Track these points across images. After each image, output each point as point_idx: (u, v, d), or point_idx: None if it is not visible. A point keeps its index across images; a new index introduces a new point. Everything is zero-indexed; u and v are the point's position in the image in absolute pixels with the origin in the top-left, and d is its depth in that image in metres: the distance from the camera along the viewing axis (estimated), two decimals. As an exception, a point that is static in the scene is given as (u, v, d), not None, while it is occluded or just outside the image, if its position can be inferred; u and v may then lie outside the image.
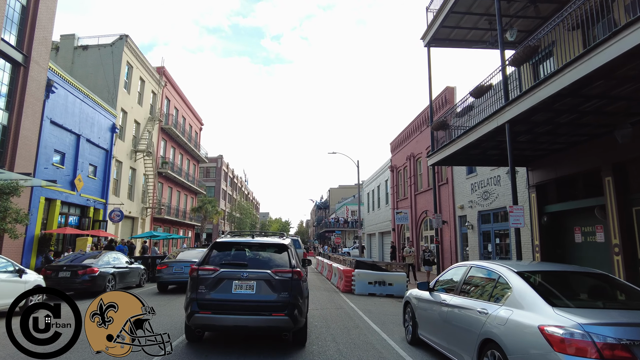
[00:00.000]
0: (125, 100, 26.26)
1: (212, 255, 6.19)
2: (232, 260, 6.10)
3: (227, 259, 6.12)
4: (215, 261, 6.06)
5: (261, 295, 5.67)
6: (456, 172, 19.41)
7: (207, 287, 5.72)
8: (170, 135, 34.58)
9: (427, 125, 23.27)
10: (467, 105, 10.95)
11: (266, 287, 5.72)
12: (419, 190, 24.54)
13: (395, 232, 29.31)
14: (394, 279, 13.09)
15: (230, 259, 6.15)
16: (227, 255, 6.24)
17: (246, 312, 5.58)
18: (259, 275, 5.78)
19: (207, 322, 5.68)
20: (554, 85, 7.27)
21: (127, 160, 26.70)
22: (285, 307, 5.60)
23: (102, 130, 22.80)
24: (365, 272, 13.07)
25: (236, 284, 5.72)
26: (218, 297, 5.65)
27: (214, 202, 39.38)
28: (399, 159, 28.89)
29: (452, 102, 20.31)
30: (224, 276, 5.77)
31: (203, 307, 5.60)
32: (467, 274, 5.04)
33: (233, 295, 5.65)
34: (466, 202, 18.08)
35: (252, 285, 5.71)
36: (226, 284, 5.73)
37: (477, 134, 10.03)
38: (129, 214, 26.78)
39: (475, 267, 4.99)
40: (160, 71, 32.82)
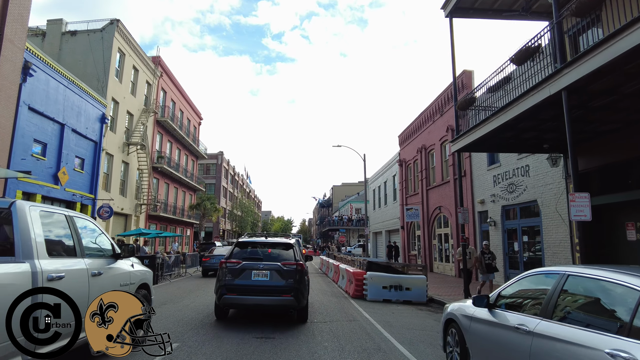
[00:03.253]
0: (117, 90, 24.62)
1: (235, 251, 8.05)
2: (251, 255, 7.89)
3: (247, 255, 7.92)
4: (238, 256, 7.87)
5: (273, 282, 7.42)
6: (475, 163, 17.68)
7: (233, 276, 7.48)
8: (166, 128, 32.94)
9: (440, 114, 21.54)
10: (503, 78, 9.21)
11: (277, 276, 7.47)
12: (432, 185, 22.80)
13: (404, 230, 27.59)
14: (411, 283, 11.40)
15: (249, 254, 7.96)
16: (247, 251, 8.06)
17: (262, 294, 7.37)
18: (271, 266, 7.55)
19: (234, 302, 7.50)
20: (636, 36, 5.55)
21: (119, 154, 25.07)
22: (291, 290, 7.36)
23: (91, 121, 21.16)
24: (379, 275, 11.38)
25: (255, 273, 7.49)
26: (241, 283, 7.41)
27: (212, 199, 37.72)
28: (409, 152, 27.16)
29: (470, 87, 18.57)
30: (246, 267, 7.55)
31: (230, 290, 7.37)
32: (560, 286, 3.34)
33: (252, 282, 7.43)
34: (487, 196, 16.35)
35: (267, 274, 7.48)
36: (247, 273, 7.50)
37: (518, 109, 8.27)
38: (121, 210, 25.18)
39: (579, 277, 3.27)
40: (156, 61, 31.16)
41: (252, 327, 7.37)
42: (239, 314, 8.60)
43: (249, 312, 8.56)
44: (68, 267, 4.44)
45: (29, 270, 3.82)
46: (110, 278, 5.33)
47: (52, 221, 4.64)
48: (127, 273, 5.86)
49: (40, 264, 3.96)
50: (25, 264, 3.84)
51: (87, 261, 4.90)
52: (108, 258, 5.51)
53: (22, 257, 3.90)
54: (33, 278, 3.82)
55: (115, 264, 5.60)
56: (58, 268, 4.24)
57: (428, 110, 23.50)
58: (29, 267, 3.83)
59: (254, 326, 7.42)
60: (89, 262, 4.92)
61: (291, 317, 7.99)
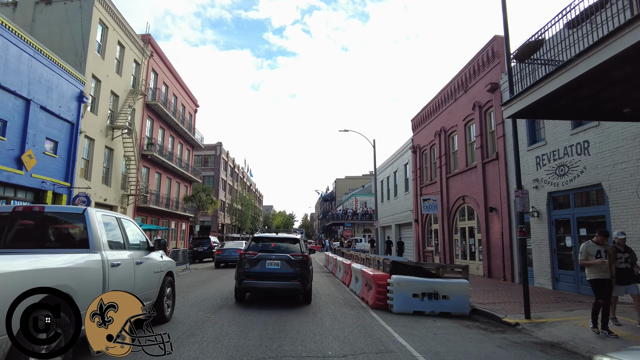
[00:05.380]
0: (99, 67, 21.96)
1: (252, 245, 9.88)
2: (265, 248, 9.68)
3: (262, 247, 9.72)
4: (254, 248, 9.64)
5: (283, 269, 9.12)
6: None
7: (250, 264, 9.19)
8: (157, 113, 30.29)
9: (463, 90, 18.81)
10: (592, 5, 6.48)
11: (286, 264, 9.16)
12: (453, 172, 20.11)
13: (418, 223, 24.93)
14: (450, 290, 8.77)
15: (263, 246, 9.75)
16: (262, 245, 9.85)
17: (275, 279, 9.06)
18: (282, 257, 9.27)
19: (251, 286, 9.19)
20: None
21: (102, 138, 22.46)
22: (298, 276, 9.05)
23: (65, 98, 18.54)
24: (409, 280, 8.75)
25: (268, 262, 9.18)
26: (258, 270, 9.12)
27: (208, 190, 35.05)
28: (424, 137, 24.44)
29: (503, 55, 15.83)
30: (261, 258, 9.25)
31: (248, 277, 9.08)
32: None
33: (267, 270, 9.12)
34: (528, 181, 13.69)
35: (278, 263, 9.18)
36: (262, 262, 9.19)
37: (621, 45, 5.56)
38: (104, 201, 22.63)
39: None
40: (145, 39, 28.42)
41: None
42: (253, 297, 10.20)
43: (260, 297, 10.11)
44: (121, 258, 5.39)
45: (99, 259, 4.82)
46: (148, 266, 6.31)
47: (109, 222, 5.54)
48: (158, 263, 6.82)
49: (106, 255, 4.97)
50: (97, 254, 4.85)
51: (132, 253, 5.86)
52: (145, 250, 6.45)
53: (94, 250, 4.89)
54: (103, 265, 4.83)
55: (150, 255, 6.55)
56: (116, 258, 5.21)
57: (448, 89, 20.76)
58: (100, 257, 4.85)
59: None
60: (133, 253, 5.88)
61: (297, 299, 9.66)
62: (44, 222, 5.28)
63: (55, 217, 5.46)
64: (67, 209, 5.94)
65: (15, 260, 3.59)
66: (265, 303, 9.31)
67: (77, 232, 5.16)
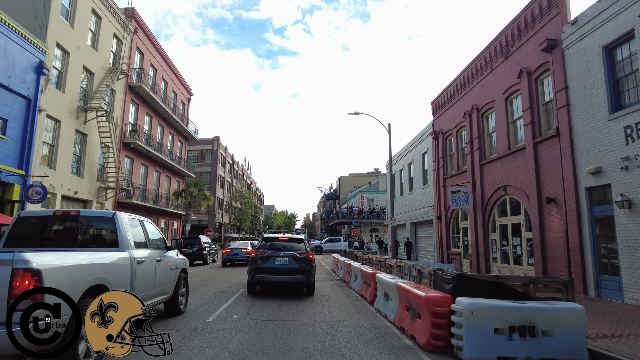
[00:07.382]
0: (66, 35, 18.60)
1: (262, 244, 11.13)
2: (274, 247, 10.93)
3: (271, 246, 10.98)
4: (265, 247, 10.92)
5: (290, 265, 10.37)
6: (579, 113, 11.42)
7: (261, 261, 10.45)
8: (143, 97, 26.89)
9: (504, 57, 15.37)
10: None
11: (292, 261, 10.41)
12: (490, 158, 16.62)
13: (441, 221, 21.44)
14: (554, 321, 5.32)
15: (272, 245, 11.02)
16: (270, 243, 11.11)
17: (283, 274, 10.31)
18: (289, 254, 10.53)
19: (263, 280, 10.41)
20: None
21: (71, 120, 19.08)
22: (303, 271, 10.31)
23: (18, 68, 15.19)
24: (488, 306, 5.29)
25: (277, 259, 10.44)
26: (268, 266, 10.38)
27: (201, 184, 31.53)
28: (447, 120, 20.96)
29: (564, 3, 12.39)
30: (271, 255, 10.51)
31: (260, 271, 10.35)
32: None
33: (276, 265, 10.38)
34: (609, 162, 10.23)
35: (286, 260, 10.43)
36: (272, 259, 10.45)
37: None
38: (74, 194, 19.27)
39: None
40: (128, 12, 25.08)
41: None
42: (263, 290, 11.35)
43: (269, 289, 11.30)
44: (145, 255, 6.26)
45: (128, 256, 5.64)
46: (166, 263, 7.22)
47: (133, 223, 6.44)
48: (175, 260, 7.77)
49: (133, 253, 5.81)
50: (126, 252, 5.68)
51: (152, 251, 6.71)
52: (163, 249, 7.29)
53: (123, 248, 5.70)
54: (131, 262, 5.64)
55: (167, 253, 7.43)
56: (141, 255, 6.08)
57: (481, 58, 17.29)
58: (128, 254, 5.68)
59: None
60: (153, 252, 6.75)
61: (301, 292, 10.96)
62: (79, 224, 6.05)
63: (89, 220, 6.36)
64: (99, 212, 7.04)
65: (79, 255, 4.60)
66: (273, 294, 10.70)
67: (107, 233, 6.05)
